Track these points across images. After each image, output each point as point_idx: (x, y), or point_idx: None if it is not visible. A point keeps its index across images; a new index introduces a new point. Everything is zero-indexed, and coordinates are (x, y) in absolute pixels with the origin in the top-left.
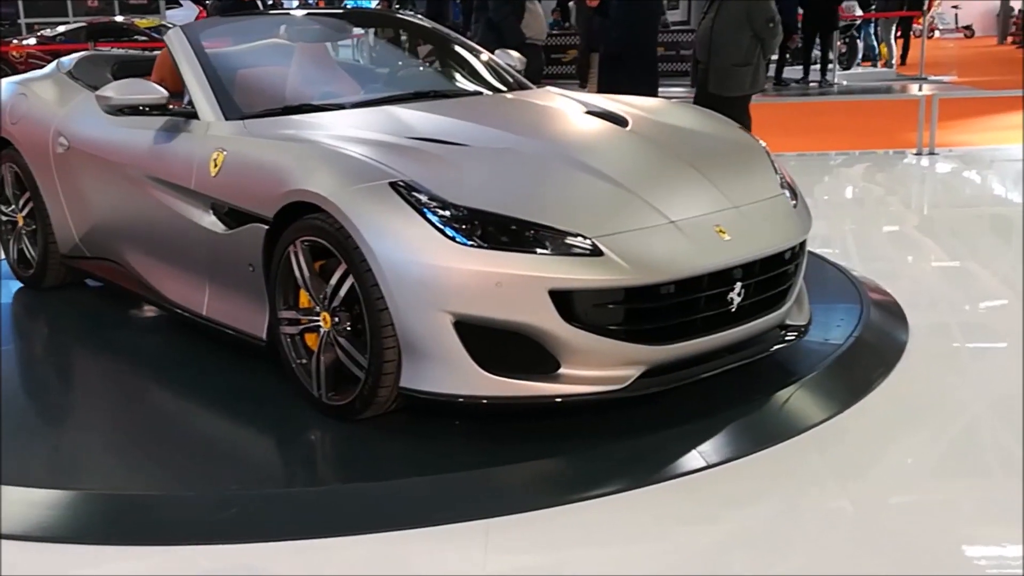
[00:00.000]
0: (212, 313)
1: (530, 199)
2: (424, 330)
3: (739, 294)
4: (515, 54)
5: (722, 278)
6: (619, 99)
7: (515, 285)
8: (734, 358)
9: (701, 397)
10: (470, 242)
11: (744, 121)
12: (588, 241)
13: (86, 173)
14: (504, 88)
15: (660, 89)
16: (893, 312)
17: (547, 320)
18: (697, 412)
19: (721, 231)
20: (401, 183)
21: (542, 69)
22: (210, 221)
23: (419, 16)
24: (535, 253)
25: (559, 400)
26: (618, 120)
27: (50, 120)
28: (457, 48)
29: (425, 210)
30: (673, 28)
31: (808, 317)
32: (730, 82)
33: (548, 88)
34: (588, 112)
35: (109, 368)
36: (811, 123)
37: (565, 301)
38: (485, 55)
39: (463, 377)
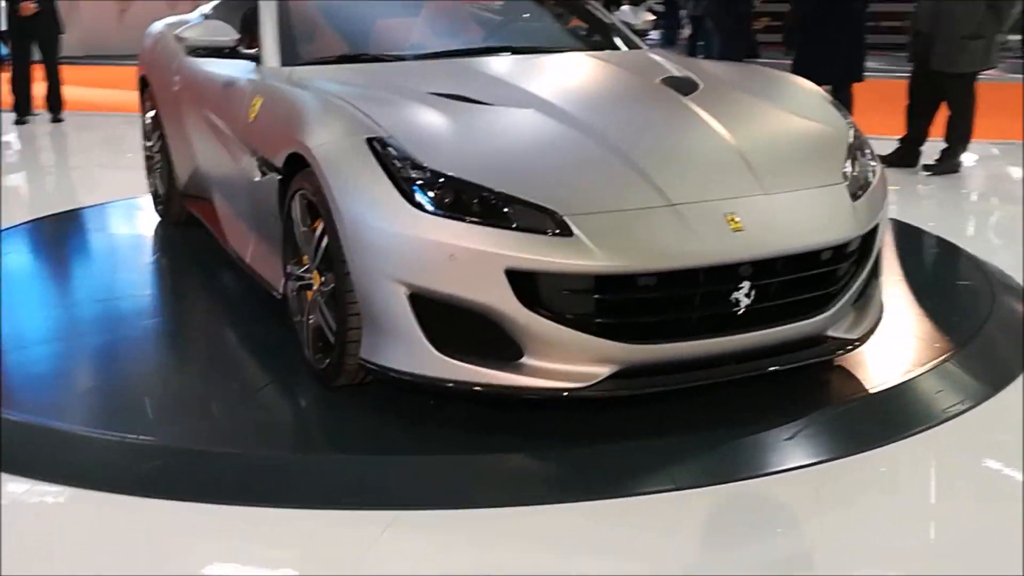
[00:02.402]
0: (252, 261)
1: (514, 168)
2: (380, 300)
3: (748, 295)
4: (645, 14)
5: (724, 275)
6: (719, 66)
7: (470, 260)
8: (727, 370)
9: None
10: (435, 209)
11: (970, 104)
12: (559, 218)
13: (187, 111)
14: (602, 47)
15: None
16: None
17: (504, 302)
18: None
19: (733, 220)
20: (377, 140)
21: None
22: (250, 167)
23: None
24: (495, 227)
25: (518, 394)
26: (686, 88)
27: (172, 60)
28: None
29: (394, 170)
30: None
31: (867, 330)
32: (959, 57)
33: (651, 52)
34: (663, 80)
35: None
36: None
37: (528, 284)
38: (602, 13)
39: (416, 356)
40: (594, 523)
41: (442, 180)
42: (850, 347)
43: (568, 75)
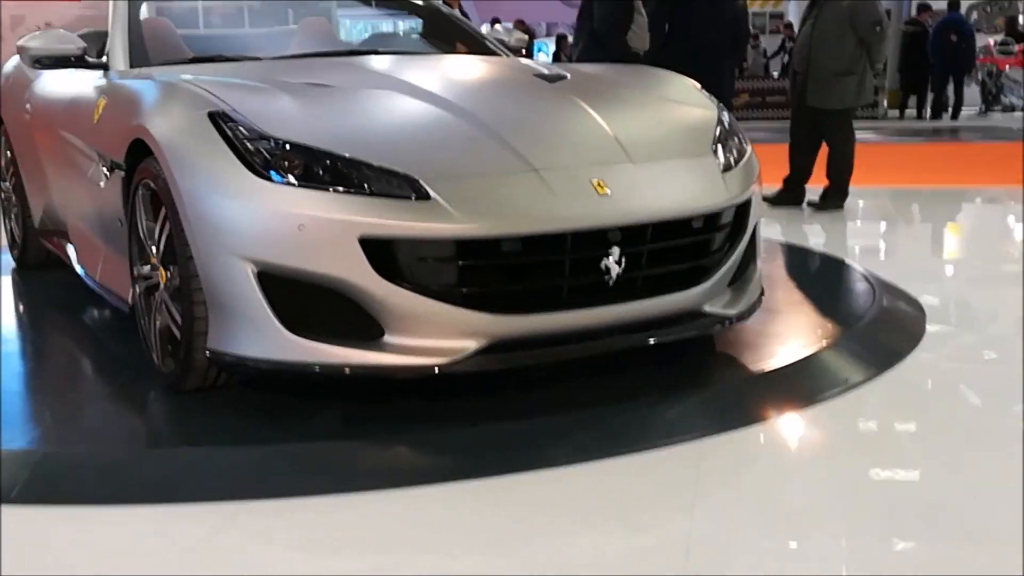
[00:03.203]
0: (102, 279)
1: (368, 137)
2: (227, 282)
3: (618, 263)
4: (516, 32)
5: (593, 241)
6: (591, 65)
7: (320, 229)
8: (604, 343)
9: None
10: (281, 178)
11: (847, 139)
12: (416, 183)
13: (39, 138)
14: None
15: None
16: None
17: (359, 274)
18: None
19: (600, 185)
20: (221, 113)
21: None
22: (96, 174)
23: None
24: (346, 194)
25: (386, 373)
26: (555, 79)
27: (23, 91)
28: (437, 17)
29: (237, 142)
30: None
31: (745, 308)
32: (831, 93)
33: (528, 60)
34: (533, 74)
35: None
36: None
37: (384, 253)
38: (475, 30)
39: (269, 340)
40: (462, 507)
41: (288, 147)
42: (728, 322)
43: (436, 67)
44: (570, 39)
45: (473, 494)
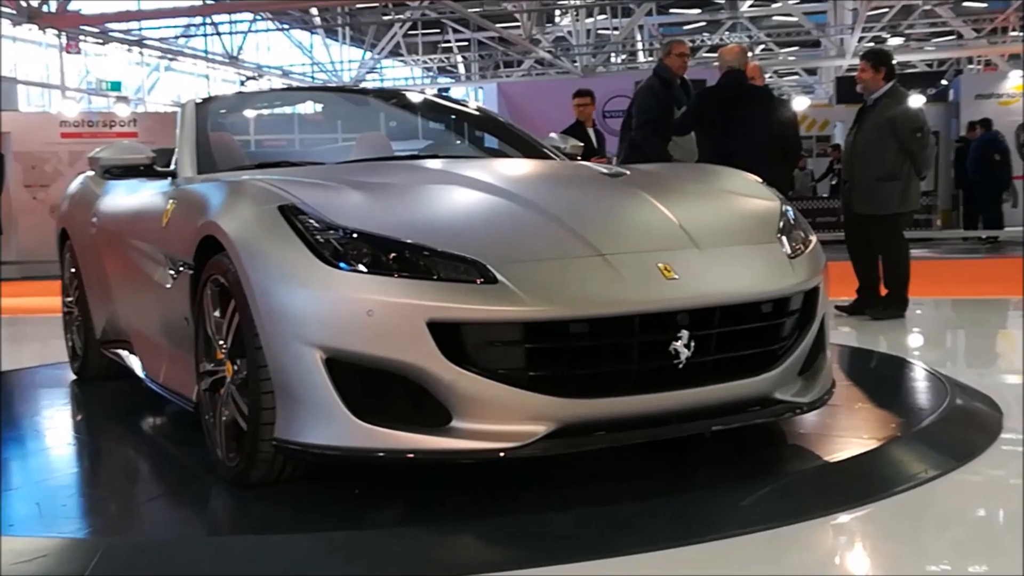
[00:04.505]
0: (166, 381)
1: (433, 225)
2: (295, 369)
3: (687, 346)
4: (571, 140)
5: (660, 324)
6: (649, 165)
7: (388, 314)
8: (674, 428)
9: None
10: (350, 266)
11: (898, 245)
12: (483, 267)
13: (104, 250)
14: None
15: None
16: None
17: (427, 359)
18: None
19: (667, 269)
20: (291, 207)
21: None
22: (163, 276)
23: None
24: (414, 279)
25: (451, 458)
26: (617, 176)
27: (90, 206)
28: (492, 125)
29: (307, 232)
30: None
31: (817, 396)
32: (875, 199)
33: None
34: (597, 172)
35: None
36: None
37: (452, 337)
38: (526, 133)
39: (336, 427)
40: None
41: (356, 236)
42: (800, 410)
43: (496, 166)
44: None
45: None
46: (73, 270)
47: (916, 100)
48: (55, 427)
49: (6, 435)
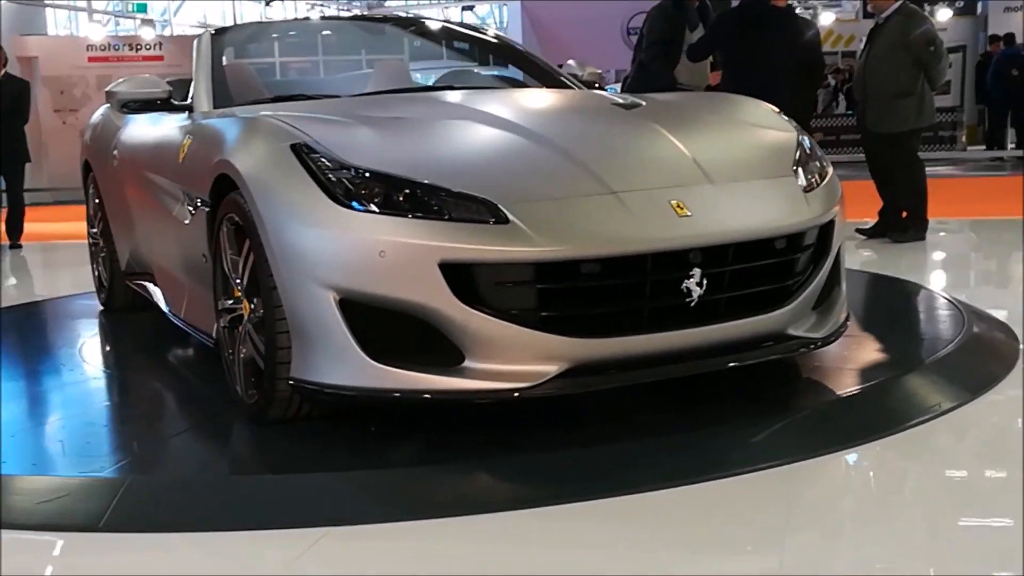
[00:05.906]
0: (187, 315)
1: (446, 164)
2: (309, 310)
3: (699, 284)
4: (589, 67)
5: (673, 262)
6: (667, 95)
7: (400, 255)
8: (687, 366)
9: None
10: (362, 206)
11: (910, 164)
12: (494, 207)
13: (126, 182)
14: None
15: None
16: None
17: (440, 299)
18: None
19: (680, 206)
20: (303, 145)
21: None
22: (182, 212)
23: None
24: (426, 219)
25: (466, 398)
26: (632, 107)
27: (110, 139)
28: (510, 53)
29: (318, 171)
30: None
31: (831, 331)
32: (890, 117)
33: (602, 91)
34: (612, 103)
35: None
36: None
37: (464, 278)
38: (545, 62)
39: (351, 367)
40: (543, 533)
41: (368, 176)
42: (814, 345)
43: (511, 99)
44: None
45: (554, 520)
46: (97, 201)
47: (943, 13)
48: (83, 361)
49: (37, 368)
